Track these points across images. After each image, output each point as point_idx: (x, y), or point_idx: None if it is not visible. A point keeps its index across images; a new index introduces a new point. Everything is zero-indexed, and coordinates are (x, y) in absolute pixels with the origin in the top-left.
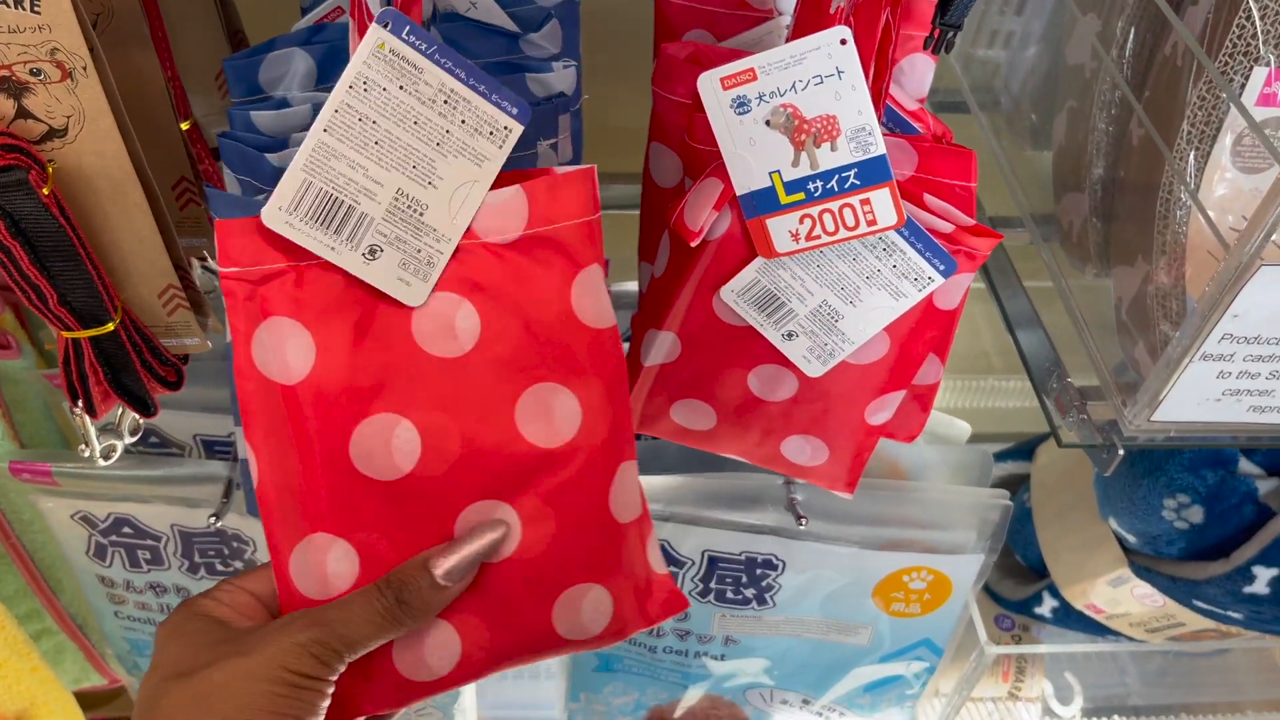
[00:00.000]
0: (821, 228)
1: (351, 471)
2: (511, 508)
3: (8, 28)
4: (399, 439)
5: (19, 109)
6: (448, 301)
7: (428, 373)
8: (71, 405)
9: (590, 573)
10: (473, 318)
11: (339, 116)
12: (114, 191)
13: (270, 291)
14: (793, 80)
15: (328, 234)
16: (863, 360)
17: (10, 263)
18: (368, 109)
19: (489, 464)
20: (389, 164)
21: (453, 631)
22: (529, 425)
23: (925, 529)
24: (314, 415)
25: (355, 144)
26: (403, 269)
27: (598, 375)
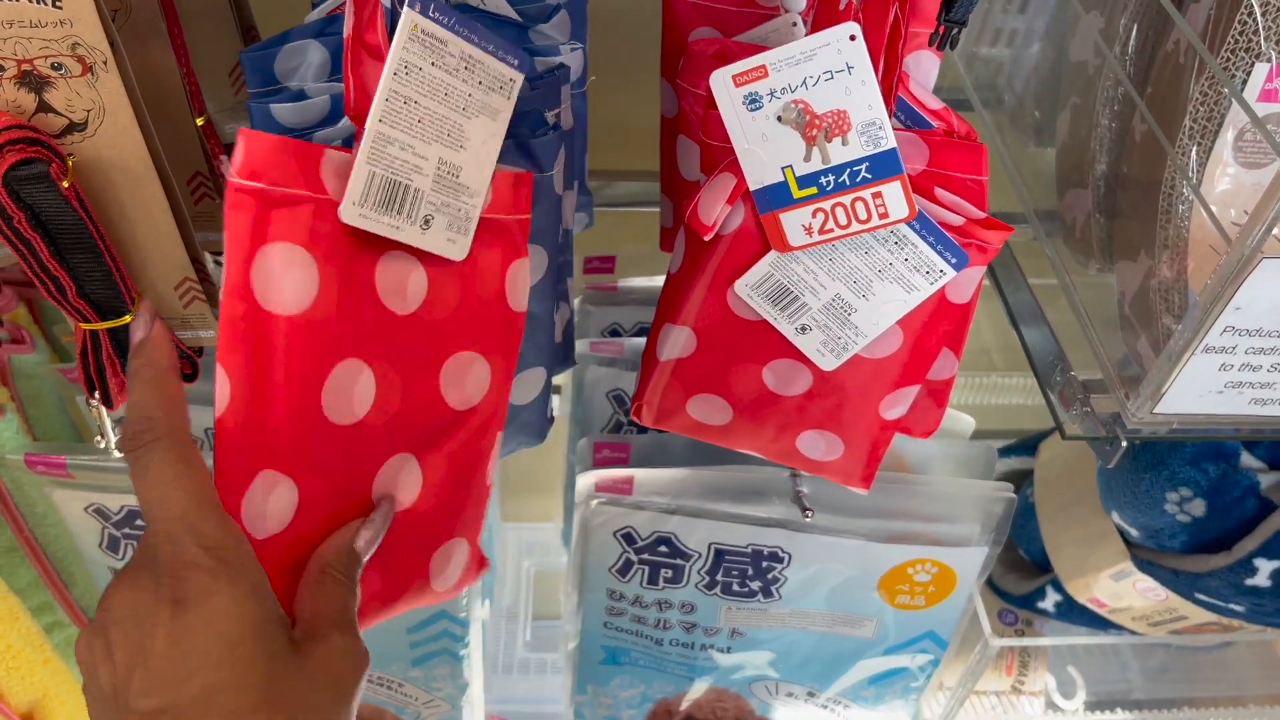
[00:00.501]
0: (834, 221)
1: (318, 412)
2: (417, 462)
3: (30, 22)
4: (360, 385)
5: (40, 103)
6: (405, 261)
7: (383, 325)
8: (88, 396)
9: (464, 528)
10: (422, 281)
11: (389, 104)
12: (132, 185)
13: (286, 216)
14: (803, 76)
15: (393, 215)
16: (876, 354)
17: (30, 255)
18: (410, 91)
19: (414, 419)
20: (430, 138)
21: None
22: (448, 387)
23: (930, 522)
24: (305, 350)
25: (403, 127)
26: (450, 230)
27: (509, 352)
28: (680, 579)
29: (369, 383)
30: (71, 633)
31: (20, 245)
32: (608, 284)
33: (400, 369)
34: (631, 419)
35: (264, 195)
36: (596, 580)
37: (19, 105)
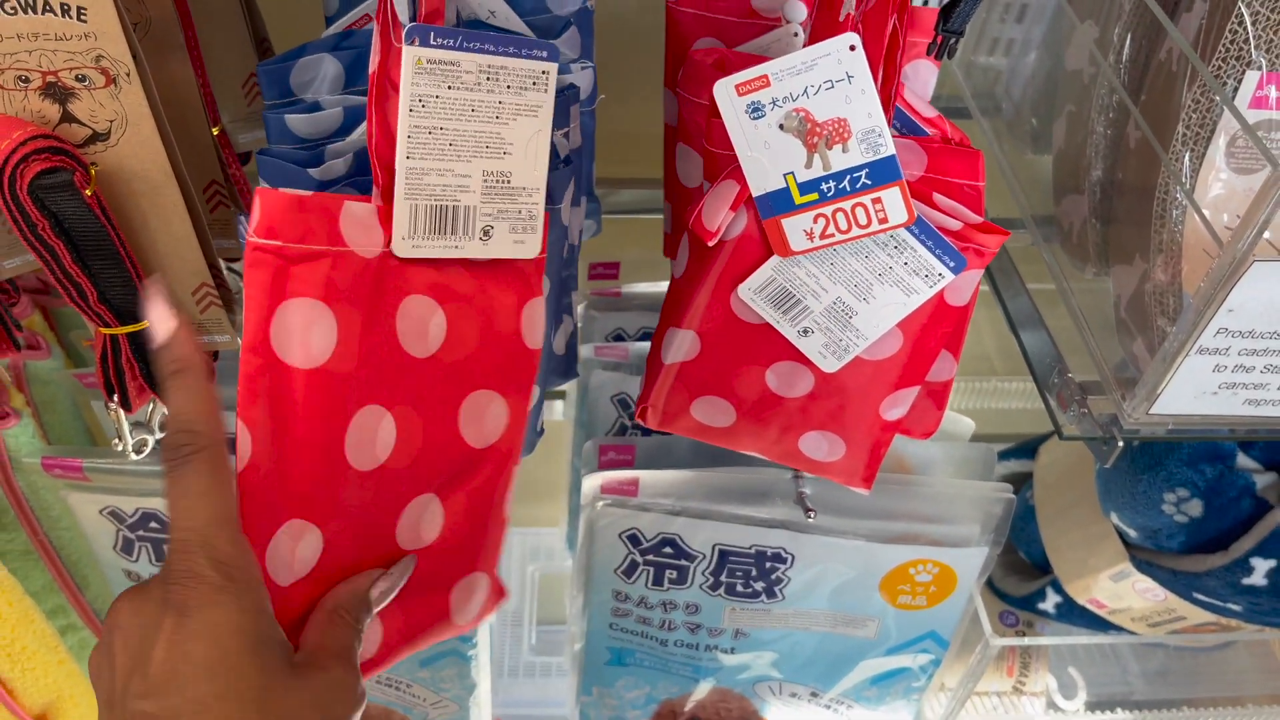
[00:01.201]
0: (835, 226)
1: (341, 459)
2: (440, 502)
3: (55, 35)
4: (383, 430)
5: (64, 113)
6: (425, 305)
7: (404, 369)
8: (107, 399)
9: (483, 561)
10: (442, 324)
11: (412, 140)
12: (153, 193)
13: (304, 271)
14: (805, 85)
15: (448, 237)
16: (877, 356)
17: (53, 261)
18: (432, 121)
19: (435, 460)
20: (468, 155)
21: (377, 621)
22: (467, 426)
23: (930, 523)
24: (324, 401)
25: (434, 155)
26: (514, 233)
27: (525, 389)
28: (685, 580)
29: (390, 427)
30: (85, 635)
31: (44, 251)
32: (612, 290)
33: (421, 411)
34: (636, 422)
35: (282, 253)
36: (602, 582)
37: (44, 116)
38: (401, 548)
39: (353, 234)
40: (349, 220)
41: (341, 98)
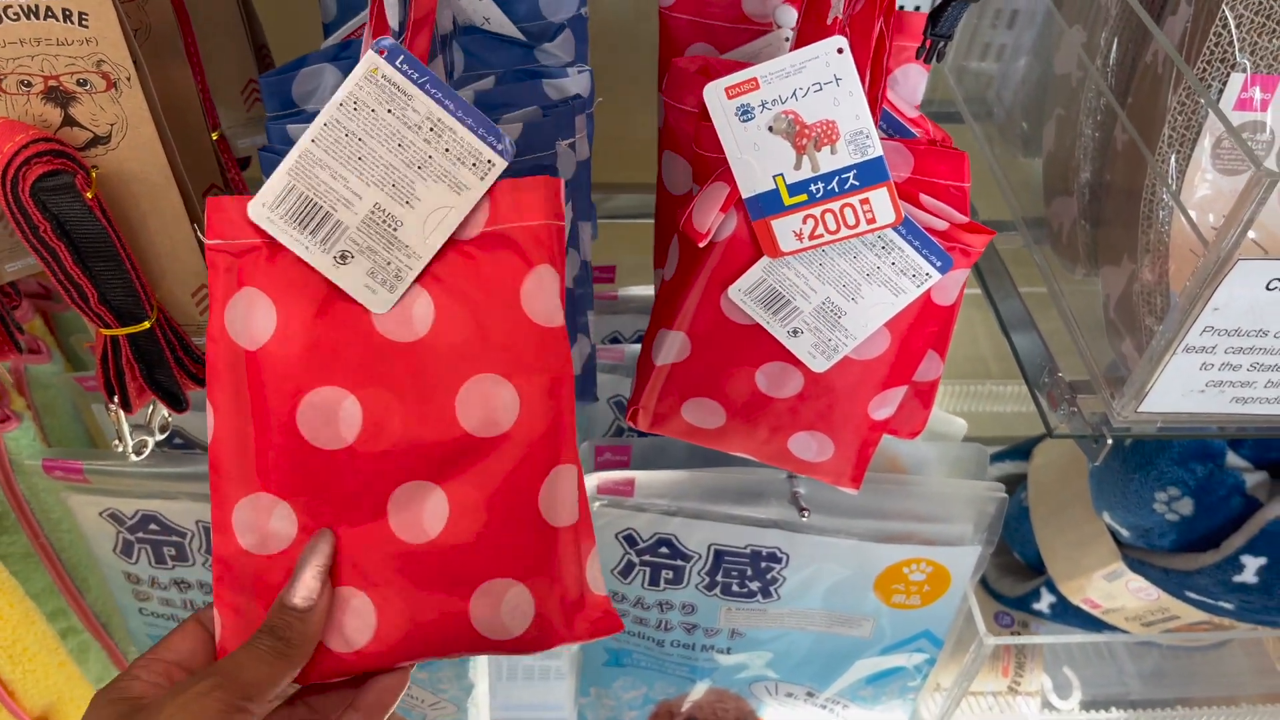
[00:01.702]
0: (824, 227)
1: (297, 437)
2: (442, 491)
3: (57, 40)
4: (345, 412)
5: (65, 117)
6: (409, 290)
7: (381, 354)
8: (108, 400)
9: (512, 569)
10: (429, 306)
11: (327, 130)
12: (153, 196)
13: (246, 264)
14: (793, 88)
15: (303, 234)
16: (865, 356)
17: (55, 263)
18: (355, 126)
19: (426, 446)
20: (370, 179)
21: (368, 603)
22: (467, 413)
23: (924, 522)
24: (268, 380)
25: (339, 157)
26: (370, 277)
27: (541, 372)
28: (681, 580)
29: (354, 409)
30: (85, 639)
31: (45, 253)
32: (608, 293)
33: (401, 395)
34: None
35: (228, 250)
36: None
37: (45, 119)
38: (398, 536)
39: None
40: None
41: None
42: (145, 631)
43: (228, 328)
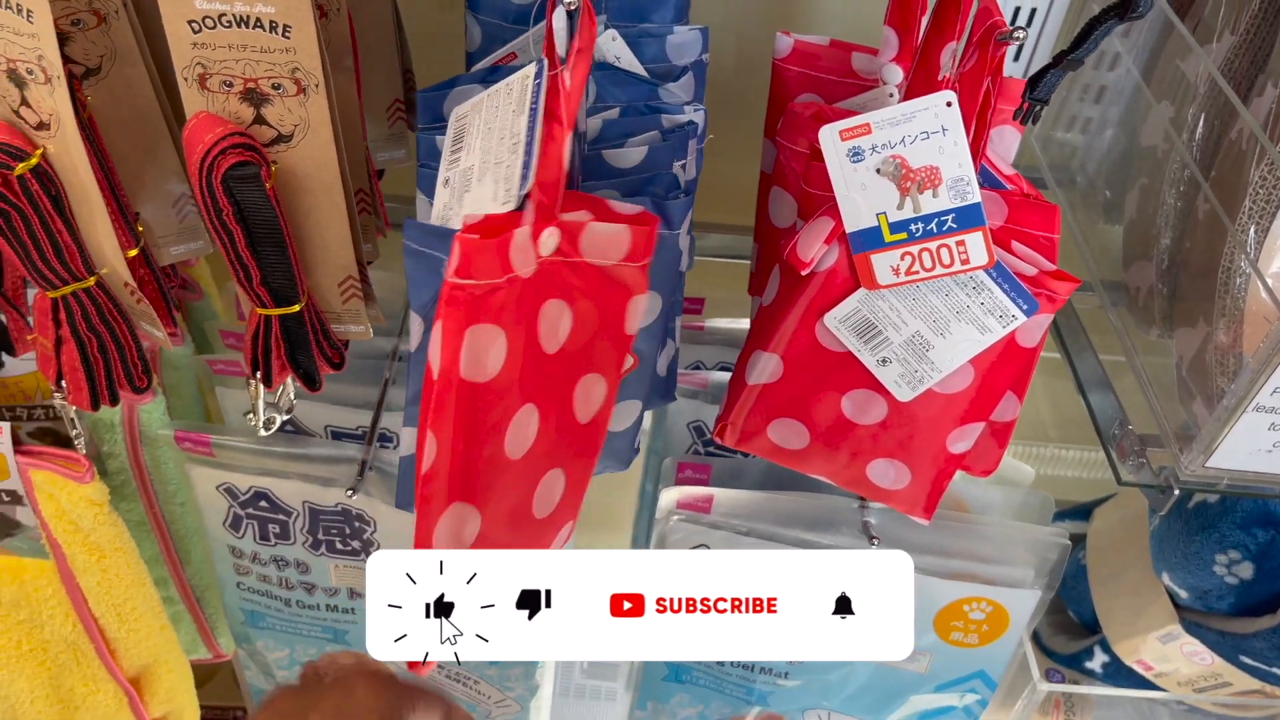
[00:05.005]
0: (920, 264)
1: (501, 453)
2: (563, 473)
3: (261, 48)
4: (532, 424)
5: (257, 115)
6: (558, 308)
7: (542, 365)
8: (249, 374)
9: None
10: (568, 321)
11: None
12: (321, 193)
13: (490, 301)
14: (902, 135)
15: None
16: (948, 390)
17: (229, 243)
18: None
19: (561, 438)
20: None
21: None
22: (579, 405)
23: (986, 563)
24: (495, 407)
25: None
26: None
27: (618, 366)
28: None
29: (535, 420)
30: (179, 609)
31: (223, 234)
32: (696, 324)
33: (551, 399)
34: (710, 448)
35: (474, 290)
36: None
37: (239, 116)
38: (535, 517)
39: (517, 259)
40: (515, 249)
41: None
42: (239, 605)
43: (462, 363)
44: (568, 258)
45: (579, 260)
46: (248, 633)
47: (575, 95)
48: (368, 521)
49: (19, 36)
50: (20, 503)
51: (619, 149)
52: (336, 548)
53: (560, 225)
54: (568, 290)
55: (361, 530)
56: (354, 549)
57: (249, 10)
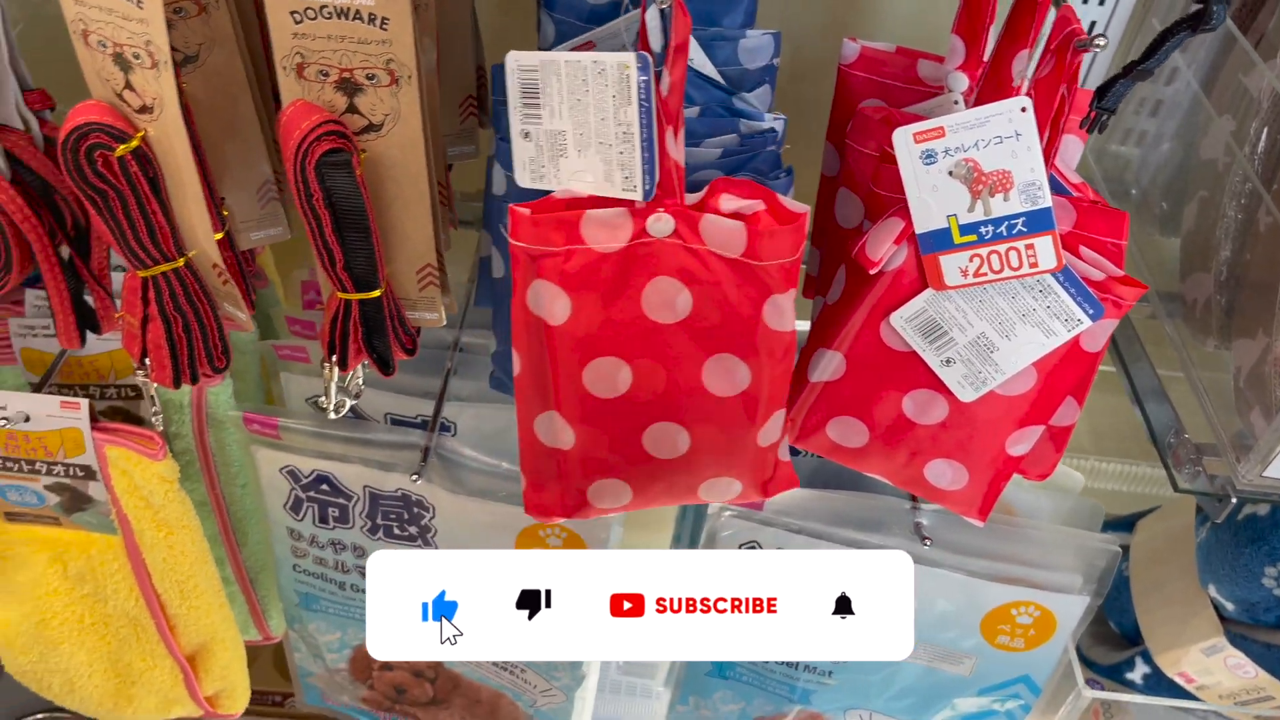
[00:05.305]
0: (988, 266)
1: (581, 387)
2: (685, 430)
3: (358, 39)
4: (619, 375)
5: (349, 105)
6: (672, 285)
7: (647, 331)
8: (326, 356)
9: (732, 470)
10: (687, 300)
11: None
12: (407, 182)
13: (544, 262)
14: (976, 139)
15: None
16: (1010, 392)
17: (317, 227)
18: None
19: (679, 399)
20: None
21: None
22: (711, 379)
23: (1035, 567)
24: (563, 348)
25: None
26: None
27: (768, 356)
28: None
29: (626, 373)
30: (233, 589)
31: (312, 219)
32: None
33: (663, 362)
34: None
35: (528, 251)
36: None
37: (333, 105)
38: (649, 454)
39: (594, 233)
40: (591, 223)
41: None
42: (294, 587)
43: (529, 304)
44: (686, 242)
45: (700, 247)
46: (301, 615)
47: (677, 94)
48: (427, 507)
49: (128, 21)
50: (93, 478)
51: (696, 147)
52: (394, 533)
53: (674, 212)
54: (685, 271)
55: (420, 516)
56: (411, 534)
57: (349, 3)
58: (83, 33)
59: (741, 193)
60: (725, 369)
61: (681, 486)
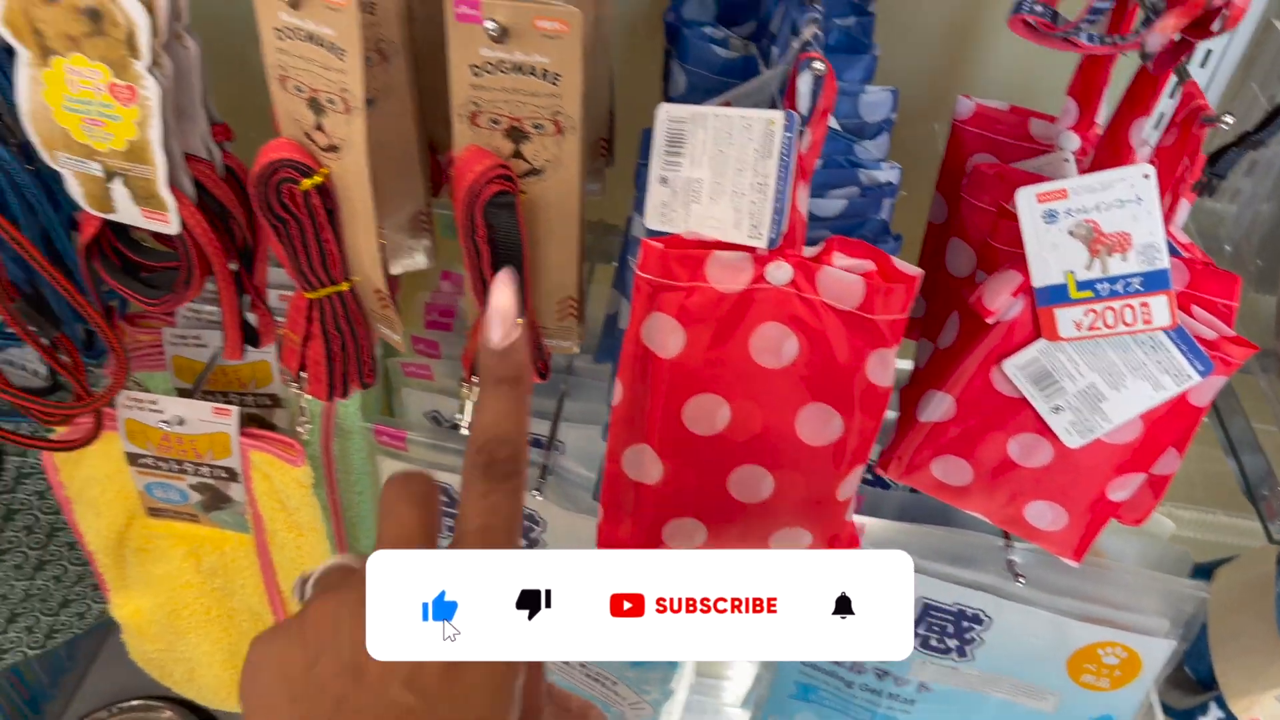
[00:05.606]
0: (1102, 321)
1: (679, 421)
2: (770, 475)
3: (531, 92)
4: (719, 413)
5: (515, 151)
6: (781, 331)
7: (750, 373)
8: (467, 377)
9: (806, 521)
10: (794, 347)
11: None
12: (559, 222)
13: (665, 295)
14: (1097, 201)
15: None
16: (1116, 440)
17: (476, 260)
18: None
19: (770, 442)
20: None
21: (700, 526)
22: (804, 427)
23: (1123, 609)
24: (669, 381)
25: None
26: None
27: (863, 409)
28: None
29: (725, 412)
30: None
31: (472, 251)
32: None
33: (761, 405)
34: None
35: (652, 283)
36: None
37: (500, 149)
38: (731, 495)
39: (716, 273)
40: (716, 264)
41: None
42: None
43: (642, 334)
44: (801, 291)
45: (814, 297)
46: None
47: (814, 152)
48: (538, 521)
49: (327, 70)
50: (235, 479)
51: (820, 198)
52: None
53: (793, 261)
54: (796, 319)
55: (530, 529)
56: (520, 547)
57: (527, 59)
58: (280, 77)
59: (855, 253)
60: (820, 418)
61: (756, 533)
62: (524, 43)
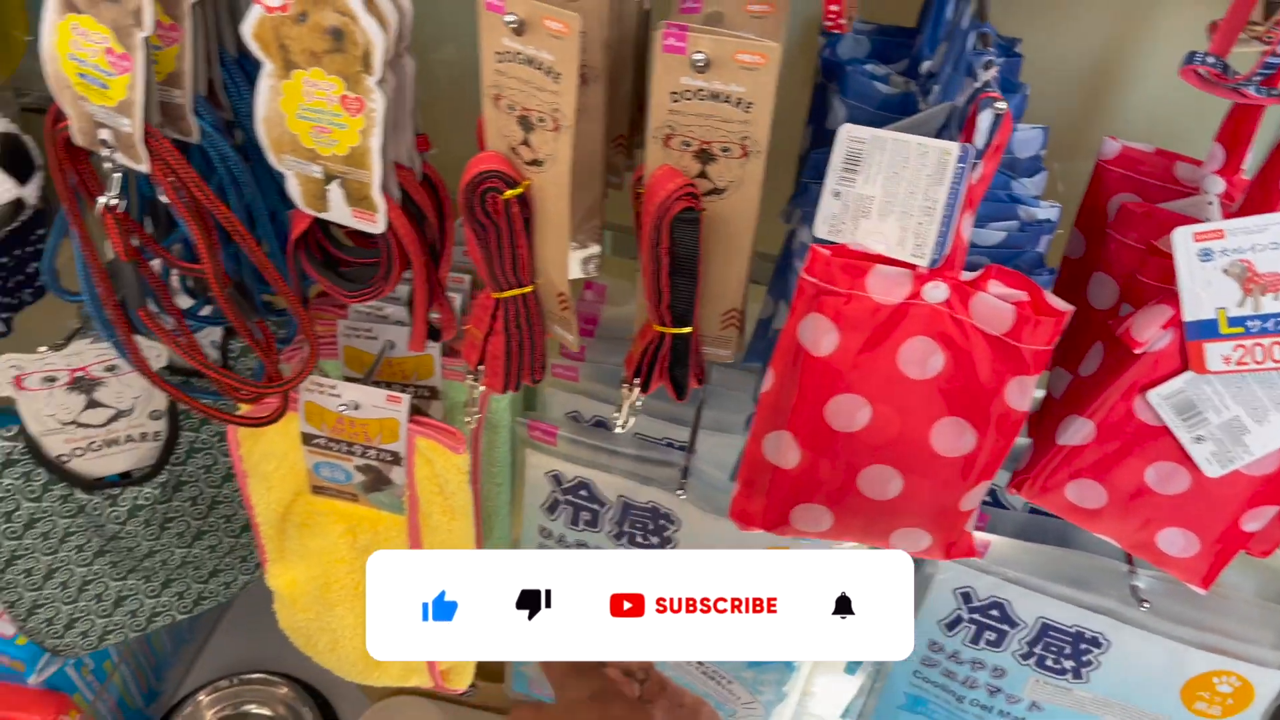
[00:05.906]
0: (1251, 357)
1: (820, 415)
2: (900, 476)
3: (722, 119)
4: (858, 413)
5: (701, 171)
6: (929, 346)
7: (895, 381)
8: (628, 380)
9: (928, 524)
10: (939, 362)
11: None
12: (732, 239)
13: (826, 298)
14: (1253, 243)
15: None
16: (1254, 472)
17: (655, 270)
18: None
19: (904, 447)
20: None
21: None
22: (938, 438)
23: (1237, 640)
24: (816, 377)
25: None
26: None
27: (997, 429)
28: (1001, 644)
29: (865, 413)
30: None
31: (652, 262)
32: None
33: (901, 412)
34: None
35: (816, 286)
36: (924, 630)
37: (687, 169)
38: (859, 491)
39: (876, 285)
40: (877, 276)
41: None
42: None
43: (798, 331)
44: (954, 312)
45: (965, 319)
46: None
47: (984, 184)
48: (674, 521)
49: (540, 92)
50: (398, 463)
51: (980, 228)
52: (637, 540)
53: (950, 282)
54: (944, 336)
55: (664, 528)
56: (653, 544)
57: (724, 88)
58: (495, 96)
59: (1011, 283)
60: (955, 431)
61: (878, 528)
62: (723, 73)
